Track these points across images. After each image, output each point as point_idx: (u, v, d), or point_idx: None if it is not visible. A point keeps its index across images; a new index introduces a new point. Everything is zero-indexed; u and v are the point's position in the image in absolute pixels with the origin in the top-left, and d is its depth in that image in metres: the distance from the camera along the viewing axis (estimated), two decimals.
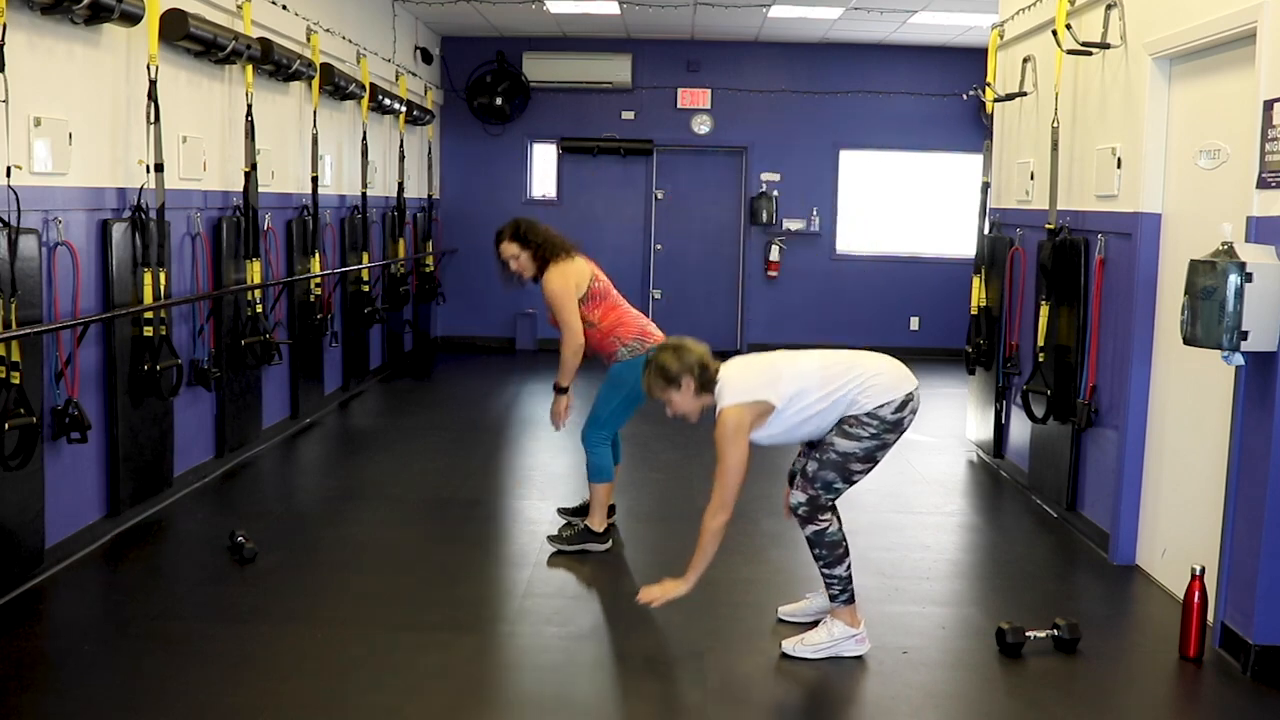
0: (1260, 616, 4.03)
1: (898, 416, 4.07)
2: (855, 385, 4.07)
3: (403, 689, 3.83)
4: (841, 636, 4.13)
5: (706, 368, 4.17)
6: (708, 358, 4.21)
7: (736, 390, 4.08)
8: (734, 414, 4.05)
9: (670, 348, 4.23)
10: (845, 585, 4.14)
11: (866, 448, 4.07)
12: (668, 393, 4.20)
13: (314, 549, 5.34)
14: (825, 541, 4.11)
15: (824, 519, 4.11)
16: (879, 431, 4.06)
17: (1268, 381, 3.98)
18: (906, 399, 4.09)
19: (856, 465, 4.10)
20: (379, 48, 9.73)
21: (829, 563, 4.13)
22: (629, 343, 5.28)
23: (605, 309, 5.31)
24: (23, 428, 4.35)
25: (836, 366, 4.13)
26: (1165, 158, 5.09)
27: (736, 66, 12.31)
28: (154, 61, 5.33)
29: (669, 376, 4.17)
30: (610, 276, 5.53)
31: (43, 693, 3.79)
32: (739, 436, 4.05)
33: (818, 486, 4.10)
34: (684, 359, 4.17)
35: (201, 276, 6.23)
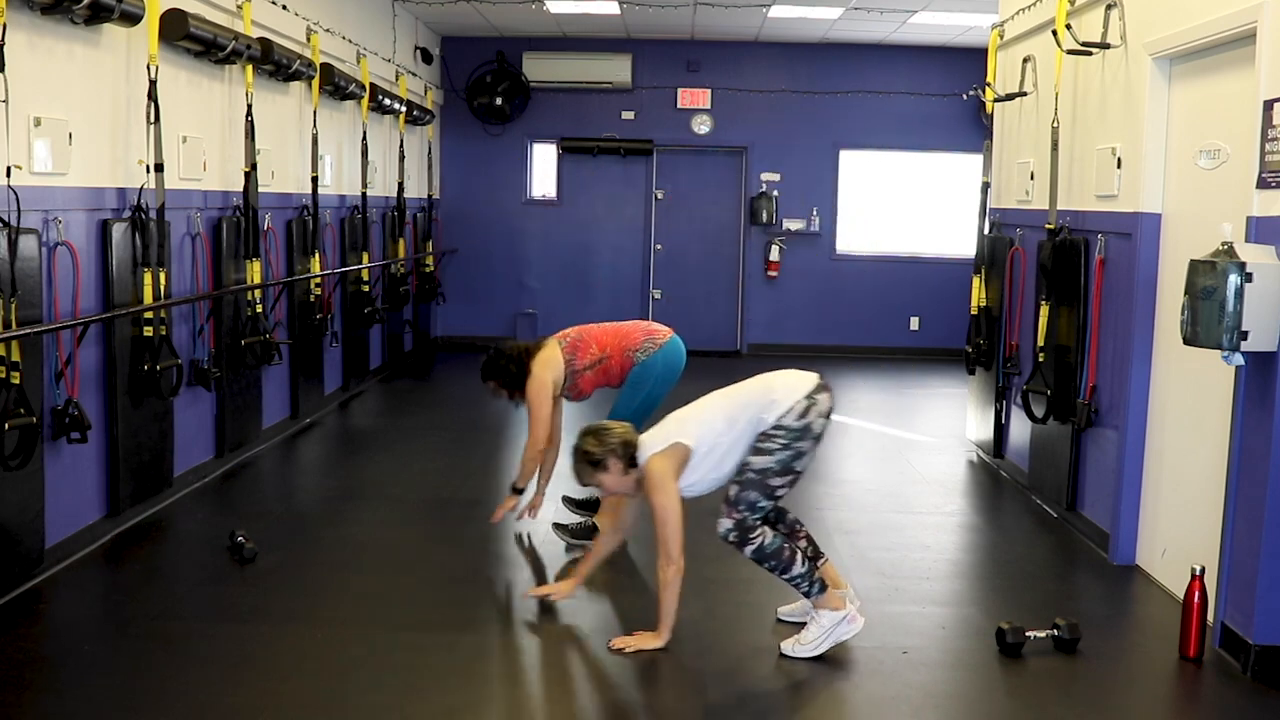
0: (1260, 616, 4.03)
1: (804, 422, 4.10)
2: (757, 405, 4.13)
3: (403, 689, 3.83)
4: (831, 624, 4.13)
5: (630, 444, 4.23)
6: (630, 434, 4.27)
7: (652, 444, 4.17)
8: (656, 464, 4.12)
9: (590, 433, 4.30)
10: (808, 578, 4.14)
11: (781, 459, 4.09)
12: (596, 477, 4.27)
13: (314, 549, 5.34)
14: (768, 554, 4.13)
15: (755, 537, 4.12)
16: (789, 441, 4.09)
17: (1268, 381, 3.98)
18: (808, 403, 4.11)
19: (776, 480, 4.11)
20: (379, 48, 9.73)
21: (782, 569, 4.14)
22: (641, 346, 5.30)
23: (599, 341, 5.32)
24: (23, 428, 4.35)
25: (738, 396, 4.23)
26: (1165, 158, 5.09)
27: (736, 66, 12.31)
28: (154, 61, 5.33)
29: (594, 461, 4.24)
30: (610, 276, 5.53)
31: (43, 693, 3.79)
32: (666, 484, 4.10)
33: (742, 509, 4.10)
34: (605, 441, 4.24)
35: (201, 276, 6.23)
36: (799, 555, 4.16)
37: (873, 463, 7.53)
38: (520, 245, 12.57)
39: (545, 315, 12.53)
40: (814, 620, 4.16)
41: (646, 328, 5.40)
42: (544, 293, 12.58)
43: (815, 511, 6.19)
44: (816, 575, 4.17)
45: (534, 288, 12.60)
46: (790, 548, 4.16)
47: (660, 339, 5.33)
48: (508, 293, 12.58)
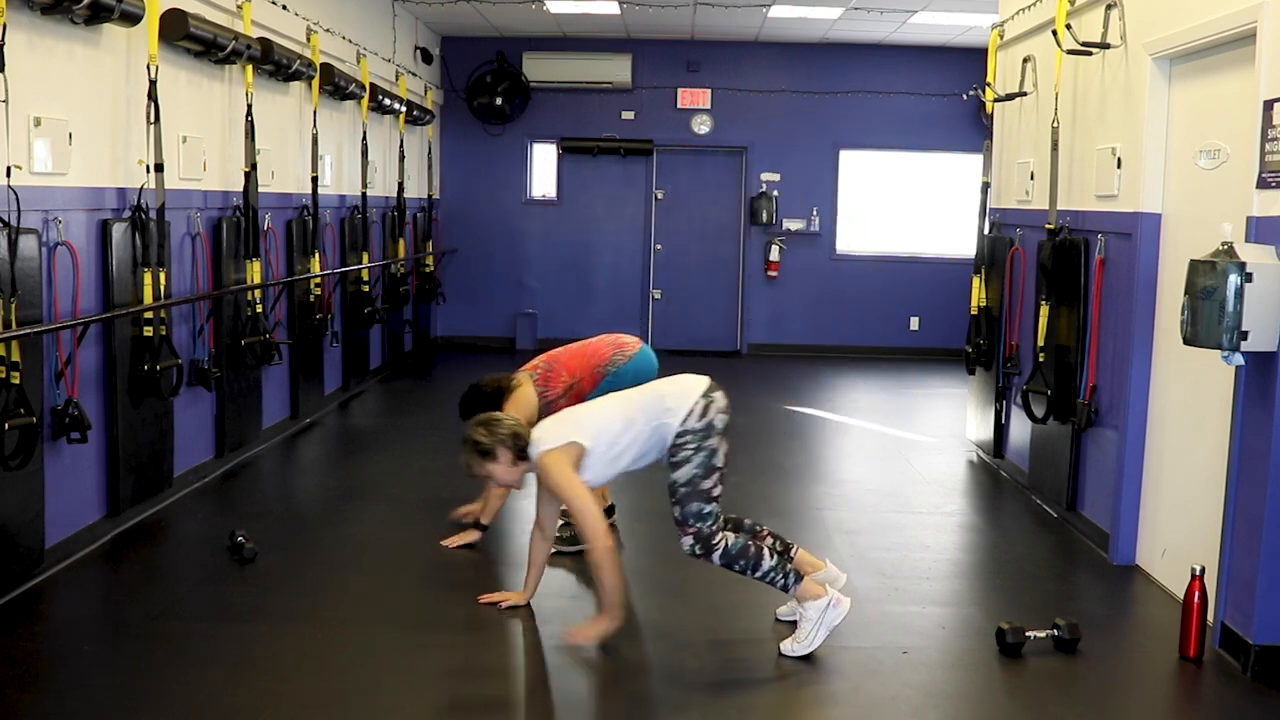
0: (1260, 616, 4.03)
1: (705, 421, 4.12)
2: (654, 411, 4.15)
3: (403, 689, 3.83)
4: (817, 615, 4.13)
5: (519, 435, 4.25)
6: (520, 427, 4.30)
7: (545, 440, 4.19)
8: (551, 459, 4.14)
9: (480, 423, 4.32)
10: (780, 570, 4.15)
11: (700, 462, 4.11)
12: (485, 467, 4.30)
13: (314, 549, 5.34)
14: (734, 555, 4.14)
15: (717, 543, 4.13)
16: (699, 443, 4.10)
17: (1268, 381, 3.98)
18: (705, 402, 4.14)
19: (706, 483, 4.12)
20: (379, 48, 9.73)
21: (753, 567, 4.15)
22: (611, 359, 5.32)
23: (567, 365, 5.33)
24: (23, 428, 4.35)
25: (633, 401, 4.26)
26: (1165, 158, 5.09)
27: (736, 66, 12.31)
28: (154, 61, 5.33)
29: (483, 451, 4.27)
30: (610, 276, 5.54)
31: (43, 693, 3.79)
32: (565, 477, 4.11)
33: (693, 522, 4.12)
34: (495, 432, 4.27)
35: (201, 276, 6.23)
36: (765, 551, 4.17)
37: (873, 463, 7.53)
38: (520, 245, 12.57)
39: (545, 315, 12.53)
40: (802, 615, 4.16)
41: (615, 341, 5.41)
42: (544, 293, 12.59)
43: (815, 511, 6.19)
44: (789, 567, 4.18)
45: (534, 288, 12.60)
46: (755, 545, 4.18)
47: (630, 350, 5.35)
48: (508, 293, 12.58)
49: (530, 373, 5.32)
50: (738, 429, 8.59)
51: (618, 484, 6.39)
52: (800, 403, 9.48)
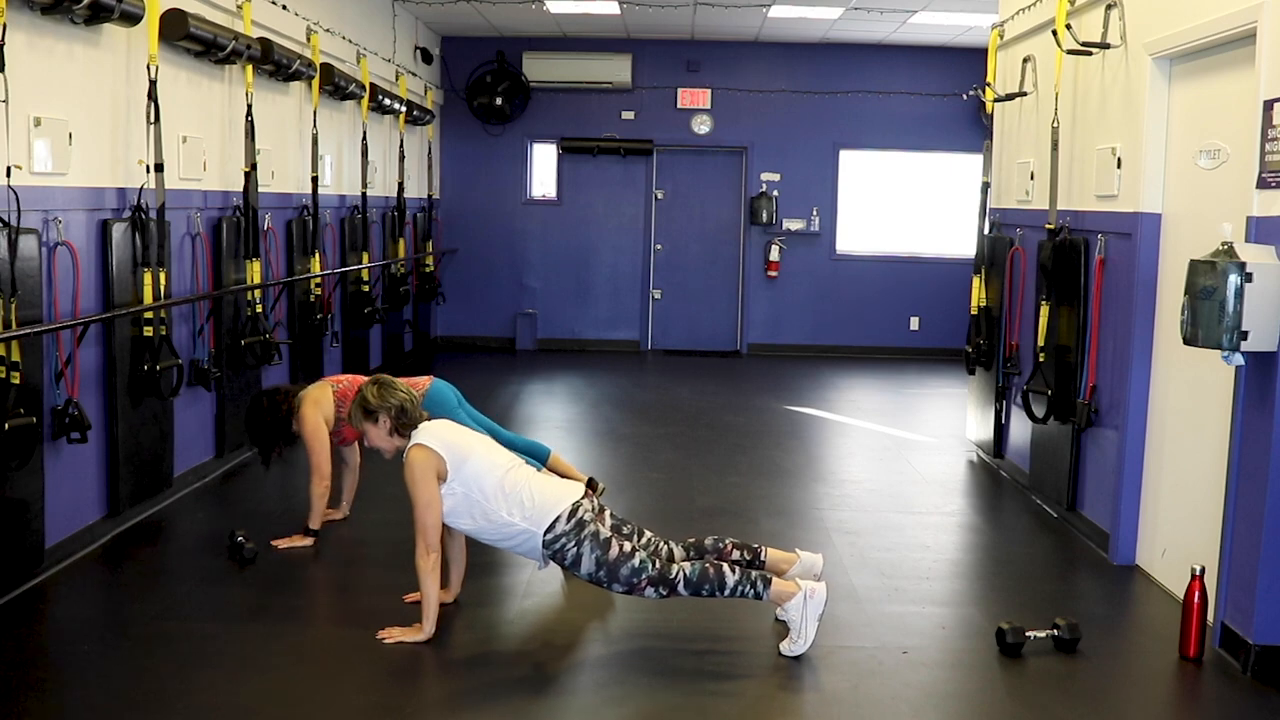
0: (1260, 616, 4.03)
1: (572, 521, 4.12)
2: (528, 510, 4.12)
3: (402, 689, 3.82)
4: (799, 611, 4.12)
5: (405, 411, 4.27)
6: (411, 403, 4.32)
7: (426, 435, 4.20)
8: (418, 455, 4.14)
9: (376, 382, 4.35)
10: (747, 581, 4.14)
11: (592, 547, 4.11)
12: (364, 424, 4.33)
13: (314, 549, 5.33)
14: (697, 582, 4.12)
15: (674, 577, 4.12)
16: (578, 539, 4.11)
17: (1268, 381, 3.98)
18: (573, 507, 4.15)
19: (612, 552, 4.10)
20: (379, 48, 9.73)
21: (719, 587, 4.13)
22: None
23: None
24: (23, 428, 4.35)
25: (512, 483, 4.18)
26: (1165, 158, 5.09)
27: (736, 66, 12.31)
28: (154, 61, 5.33)
29: (368, 409, 4.31)
30: (610, 276, 5.55)
31: (43, 693, 3.79)
32: (425, 478, 4.12)
33: (638, 579, 4.10)
34: (385, 398, 4.29)
35: (201, 276, 6.23)
36: (725, 567, 4.15)
37: (873, 463, 7.53)
38: (520, 245, 12.57)
39: (545, 315, 12.53)
40: (787, 617, 4.17)
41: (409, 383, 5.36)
42: (544, 293, 12.59)
43: (815, 511, 6.19)
44: (754, 575, 4.16)
45: (534, 288, 12.60)
46: (714, 564, 4.16)
47: (421, 387, 5.39)
48: (508, 293, 12.58)
49: (332, 384, 5.40)
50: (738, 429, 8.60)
51: (618, 483, 6.40)
52: (800, 403, 9.48)
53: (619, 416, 8.81)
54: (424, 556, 4.14)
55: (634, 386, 10.24)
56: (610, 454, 7.44)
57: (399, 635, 4.18)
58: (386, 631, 4.20)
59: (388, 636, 4.17)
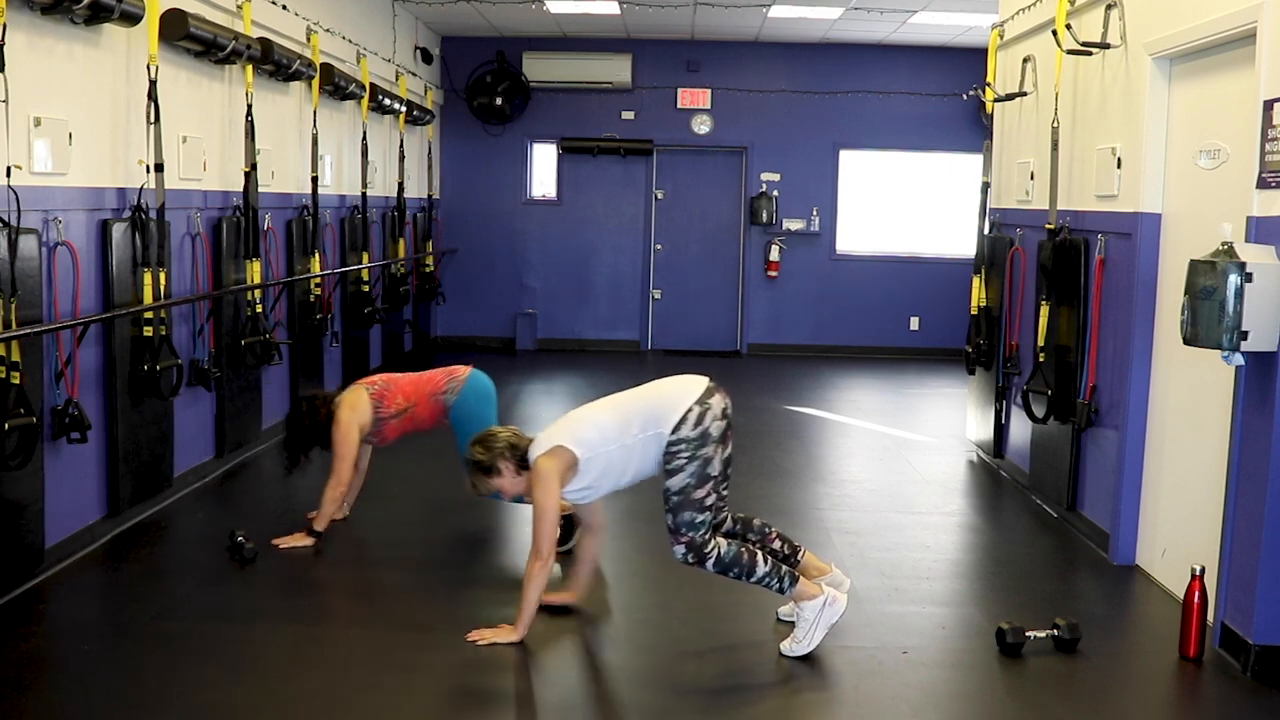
0: (1260, 616, 4.03)
1: (700, 429, 4.07)
2: (649, 414, 4.13)
3: (403, 689, 3.82)
4: (814, 614, 4.12)
5: (516, 446, 4.28)
6: (516, 436, 4.33)
7: (540, 445, 4.20)
8: (542, 463, 4.14)
9: (477, 442, 4.34)
10: (776, 575, 4.14)
11: (693, 472, 4.08)
12: (492, 483, 4.32)
13: (316, 548, 5.33)
14: (728, 563, 4.12)
15: (710, 551, 4.11)
16: (693, 452, 4.07)
17: (1268, 381, 3.98)
18: (700, 409, 4.09)
19: (699, 493, 4.08)
20: (379, 48, 9.73)
21: (747, 573, 4.13)
22: (446, 389, 5.43)
23: (403, 390, 5.45)
24: (23, 428, 4.35)
25: (628, 403, 4.23)
26: (1165, 158, 5.09)
27: (736, 66, 12.31)
28: (154, 61, 5.33)
29: (486, 468, 4.30)
30: (610, 276, 5.56)
31: (43, 693, 3.79)
32: (549, 483, 4.11)
33: (686, 531, 4.10)
34: (492, 447, 4.29)
35: (201, 276, 6.23)
36: (759, 556, 4.15)
37: (873, 463, 7.53)
38: (520, 245, 12.57)
39: (545, 315, 12.53)
40: (799, 616, 4.16)
41: (447, 371, 5.54)
42: (544, 293, 12.59)
43: (815, 511, 6.19)
44: (784, 570, 4.16)
45: (534, 288, 12.60)
46: (749, 550, 4.15)
47: (461, 376, 5.48)
48: (508, 293, 12.58)
49: (366, 386, 5.44)
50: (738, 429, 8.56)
51: None
52: (800, 403, 9.48)
53: None
54: (533, 562, 4.13)
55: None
56: None
57: (490, 636, 4.16)
58: (478, 633, 4.19)
59: (479, 638, 4.16)
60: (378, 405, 5.36)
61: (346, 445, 5.29)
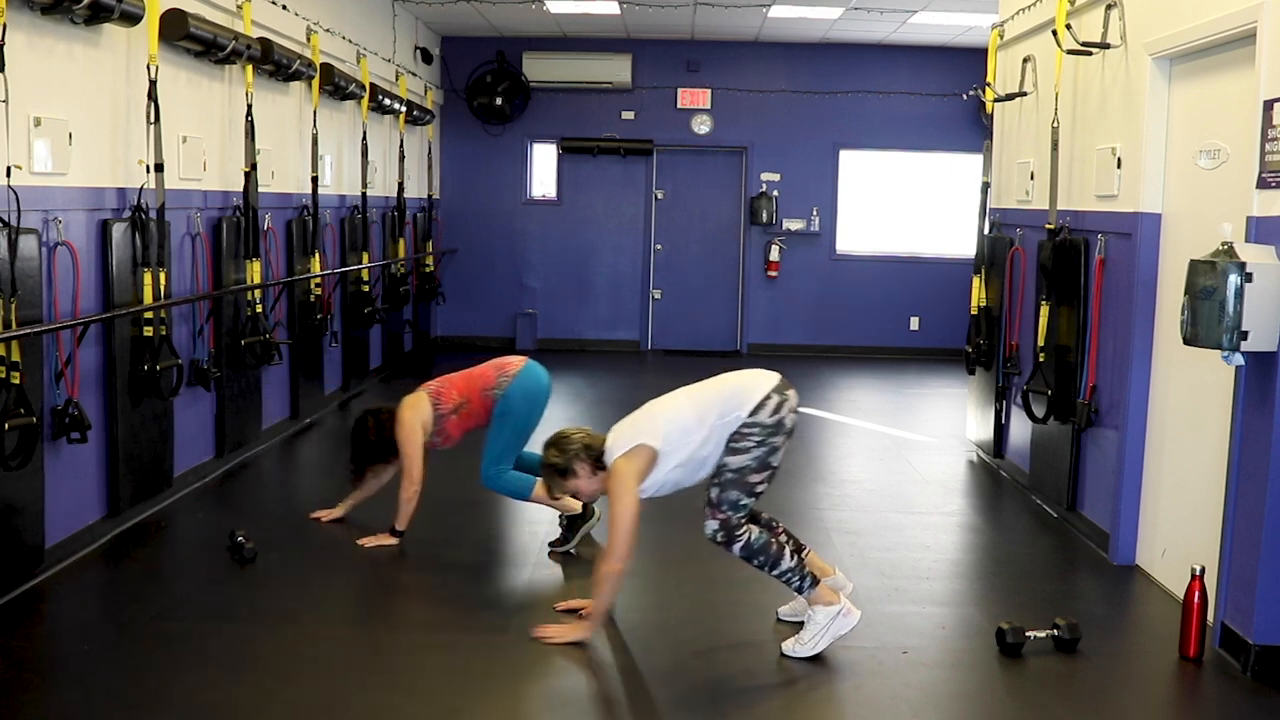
0: (1260, 616, 4.03)
1: (777, 418, 4.12)
2: (725, 403, 4.13)
3: (403, 689, 3.82)
4: (827, 620, 4.13)
5: (591, 446, 4.27)
6: (590, 436, 4.31)
7: (618, 445, 4.18)
8: (620, 466, 4.13)
9: (551, 444, 4.32)
10: (799, 573, 4.14)
11: (757, 456, 4.10)
12: (568, 485, 4.31)
13: (314, 549, 5.33)
14: (755, 550, 4.13)
15: (741, 534, 4.12)
16: (763, 438, 4.10)
17: (1268, 381, 3.98)
18: (779, 399, 4.13)
19: (755, 477, 4.12)
20: (379, 48, 9.73)
21: (772, 564, 4.14)
22: (496, 382, 5.40)
23: (456, 386, 5.44)
24: (23, 428, 4.35)
25: (704, 394, 4.23)
26: (1165, 158, 5.09)
27: (736, 66, 12.31)
28: (154, 61, 5.33)
29: (561, 470, 4.29)
30: (610, 276, 5.55)
31: (43, 693, 3.79)
32: (627, 487, 4.10)
33: (725, 509, 4.11)
34: (567, 449, 4.28)
35: (201, 276, 6.23)
36: (786, 550, 4.17)
37: (873, 463, 7.53)
38: (520, 245, 12.57)
39: (545, 315, 12.53)
40: (810, 619, 4.16)
41: (500, 364, 5.50)
42: (544, 293, 12.59)
43: (815, 511, 6.19)
44: (806, 570, 4.17)
45: (534, 288, 12.60)
46: (777, 543, 4.18)
47: (513, 369, 5.44)
48: (508, 293, 12.58)
49: (425, 389, 5.45)
50: None
51: None
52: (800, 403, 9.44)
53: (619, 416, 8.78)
54: (607, 563, 4.13)
55: (634, 387, 10.23)
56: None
57: (558, 634, 4.16)
58: (544, 629, 4.19)
59: (546, 635, 4.16)
60: (436, 403, 5.35)
61: (412, 444, 5.30)
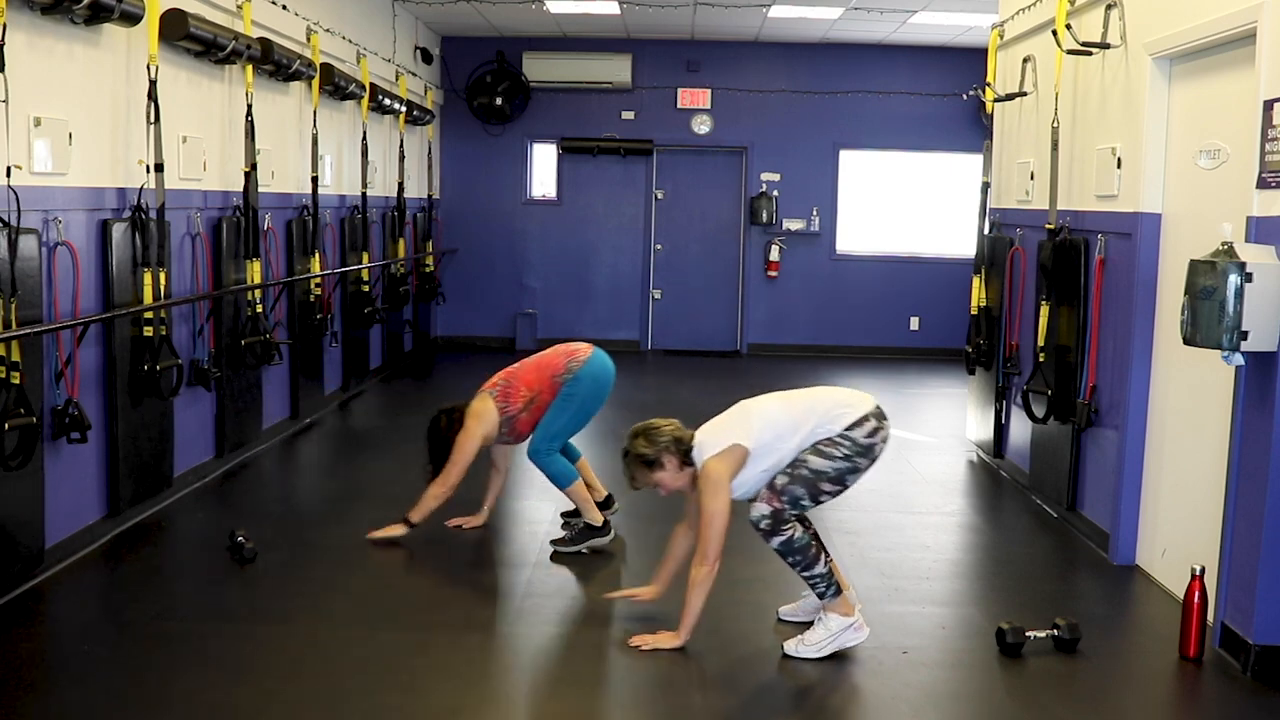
0: (1260, 616, 4.03)
1: (870, 441, 4.12)
2: (823, 413, 4.14)
3: (403, 689, 3.82)
4: (839, 629, 4.13)
5: (681, 440, 4.23)
6: (679, 430, 4.27)
7: (711, 444, 4.15)
8: (712, 466, 4.11)
9: (640, 434, 4.28)
10: (827, 580, 4.14)
11: (838, 468, 4.10)
12: (652, 477, 4.26)
13: (314, 549, 5.33)
14: (795, 549, 4.12)
15: (786, 529, 4.11)
16: (851, 453, 4.10)
17: (1268, 381, 3.98)
18: (876, 424, 4.14)
19: (826, 485, 4.11)
20: (379, 48, 9.73)
21: (805, 566, 4.14)
22: (566, 368, 5.38)
23: (524, 379, 5.40)
24: (23, 428, 4.35)
25: (802, 401, 4.24)
26: (1165, 158, 5.09)
27: (736, 66, 12.31)
28: (154, 61, 5.33)
29: (649, 461, 4.24)
30: (610, 276, 5.54)
31: (43, 693, 3.79)
32: (720, 487, 4.08)
33: (784, 500, 4.10)
34: (656, 440, 4.23)
35: (201, 276, 6.23)
36: (822, 557, 4.16)
37: None
38: (520, 245, 12.58)
39: (545, 315, 12.53)
40: (821, 622, 4.16)
41: (568, 351, 5.47)
42: (544, 293, 12.59)
43: (815, 511, 6.17)
44: (833, 579, 4.17)
45: (534, 288, 12.60)
46: (817, 546, 4.17)
47: (583, 356, 5.41)
48: (508, 293, 12.58)
49: (489, 390, 5.41)
50: None
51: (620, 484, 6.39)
52: None
53: (619, 416, 8.80)
54: (699, 566, 4.11)
55: (634, 387, 10.23)
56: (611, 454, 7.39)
57: (653, 642, 4.15)
58: (640, 638, 4.18)
59: (642, 644, 4.15)
60: (503, 406, 5.33)
61: (463, 454, 5.29)
